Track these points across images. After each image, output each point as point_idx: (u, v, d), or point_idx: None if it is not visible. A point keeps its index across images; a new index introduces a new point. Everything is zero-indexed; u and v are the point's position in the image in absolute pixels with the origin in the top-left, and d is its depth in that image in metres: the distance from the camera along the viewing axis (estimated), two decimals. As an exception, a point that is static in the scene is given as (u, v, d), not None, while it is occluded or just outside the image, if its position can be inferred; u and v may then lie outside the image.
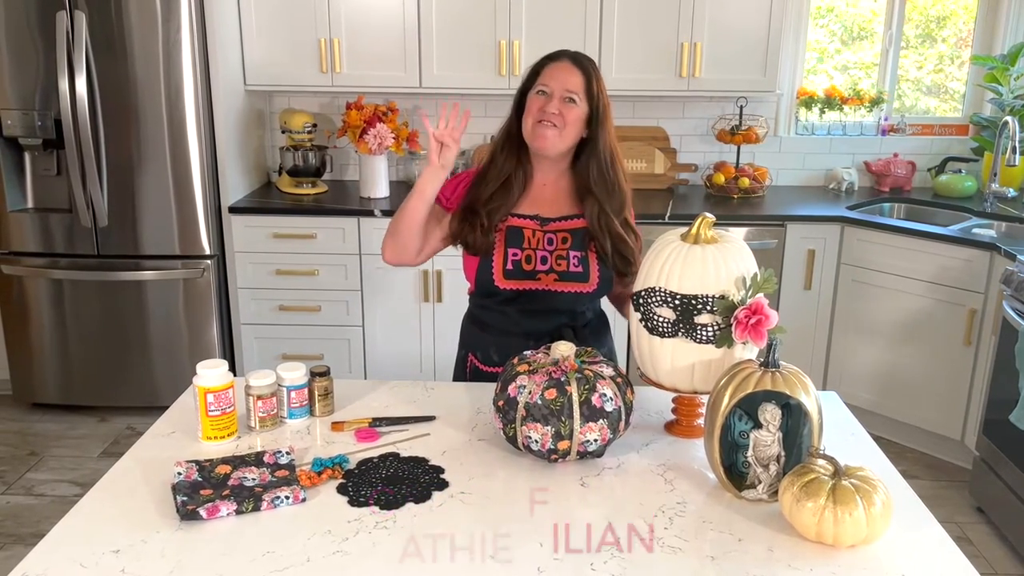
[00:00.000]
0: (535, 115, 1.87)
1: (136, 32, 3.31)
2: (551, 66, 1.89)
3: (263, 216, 3.56)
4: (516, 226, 1.93)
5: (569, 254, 1.92)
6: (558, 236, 1.94)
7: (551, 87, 1.87)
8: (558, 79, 1.87)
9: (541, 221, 1.94)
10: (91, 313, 3.59)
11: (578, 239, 1.93)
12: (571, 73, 1.88)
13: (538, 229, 1.94)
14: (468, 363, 2.06)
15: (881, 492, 1.31)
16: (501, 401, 1.54)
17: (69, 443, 3.48)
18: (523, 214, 1.95)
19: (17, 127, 3.39)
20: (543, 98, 1.87)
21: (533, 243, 1.92)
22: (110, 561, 1.26)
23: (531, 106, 1.88)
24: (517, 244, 1.92)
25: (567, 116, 1.86)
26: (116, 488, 1.46)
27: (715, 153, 4.08)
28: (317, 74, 3.65)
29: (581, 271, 1.92)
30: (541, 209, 1.95)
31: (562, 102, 1.86)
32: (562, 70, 1.88)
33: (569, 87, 1.86)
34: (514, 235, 1.93)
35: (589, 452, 1.52)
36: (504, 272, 1.91)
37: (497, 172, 1.93)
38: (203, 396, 1.58)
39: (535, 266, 1.92)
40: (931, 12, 4.11)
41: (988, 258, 3.13)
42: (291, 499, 1.41)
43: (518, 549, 1.31)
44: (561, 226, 1.94)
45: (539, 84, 1.89)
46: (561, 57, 1.90)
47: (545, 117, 1.85)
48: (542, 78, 1.89)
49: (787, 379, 1.43)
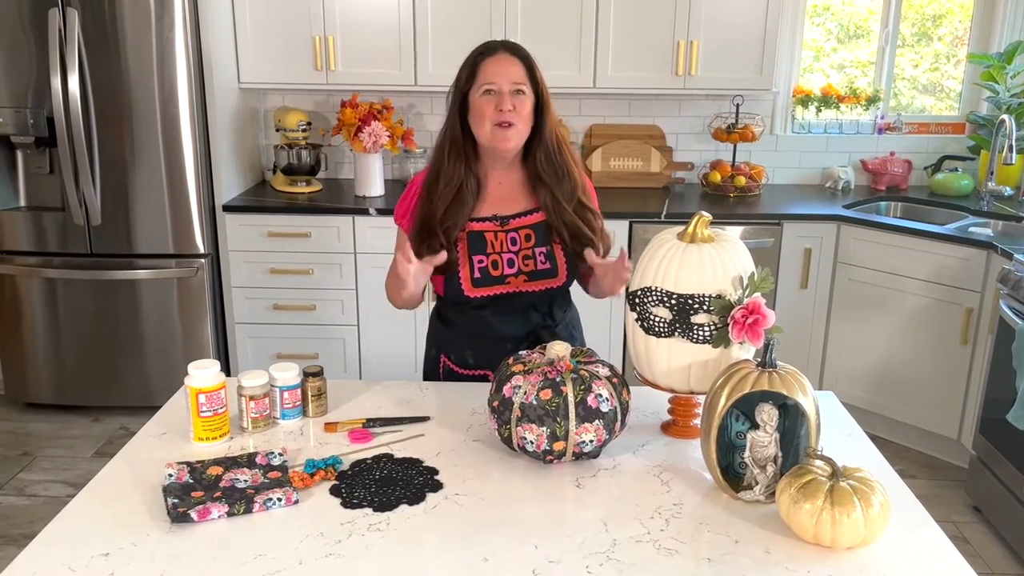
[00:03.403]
0: (491, 117, 1.79)
1: (129, 29, 3.28)
2: (489, 61, 1.81)
3: (257, 215, 3.54)
4: (477, 230, 1.88)
5: (535, 252, 1.88)
6: (520, 234, 1.89)
7: (497, 83, 1.79)
8: (502, 73, 1.79)
9: (500, 221, 1.89)
10: (84, 312, 3.56)
11: (540, 234, 1.89)
12: (512, 64, 1.81)
13: (499, 230, 1.89)
14: (441, 363, 2.02)
15: (879, 493, 1.30)
16: (496, 402, 1.52)
17: (62, 443, 3.45)
18: (481, 217, 1.89)
19: (9, 125, 3.37)
20: (492, 98, 1.79)
21: (497, 246, 1.87)
22: (99, 564, 1.24)
23: (482, 109, 1.80)
24: (481, 250, 1.87)
25: (521, 111, 1.80)
26: (106, 490, 1.45)
27: (711, 152, 4.07)
28: (311, 72, 3.63)
29: (549, 267, 1.89)
30: (498, 208, 1.90)
31: (512, 96, 1.79)
32: (502, 63, 1.80)
33: (515, 79, 1.80)
34: (476, 241, 1.87)
35: (585, 453, 1.51)
36: (472, 281, 1.87)
37: (447, 183, 1.84)
38: (195, 397, 1.57)
39: (503, 270, 1.87)
40: (927, 10, 4.10)
41: (985, 257, 3.12)
42: (283, 501, 1.40)
43: (513, 551, 1.29)
44: (521, 223, 1.90)
45: (482, 83, 1.80)
46: (497, 50, 1.82)
47: (503, 118, 1.78)
48: (484, 76, 1.80)
49: (784, 379, 1.41)
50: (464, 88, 1.84)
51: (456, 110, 1.85)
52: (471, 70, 1.83)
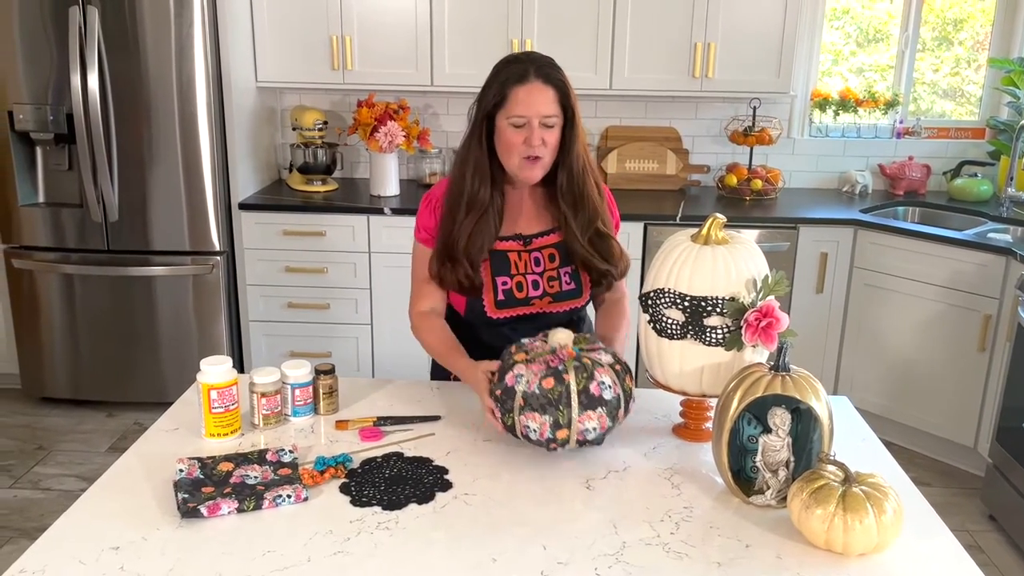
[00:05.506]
0: (520, 151, 1.72)
1: (148, 28, 3.31)
2: (520, 90, 1.70)
3: (273, 213, 3.56)
4: (500, 250, 1.83)
5: (560, 272, 1.85)
6: (544, 254, 1.85)
7: (527, 116, 1.70)
8: (533, 106, 1.70)
9: (524, 241, 1.85)
10: (100, 308, 3.59)
11: (563, 253, 1.85)
12: (544, 94, 1.70)
13: (523, 250, 1.84)
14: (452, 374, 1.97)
15: (892, 500, 1.29)
16: (499, 391, 1.52)
17: (77, 438, 3.48)
18: (504, 236, 1.83)
19: (29, 121, 3.40)
20: (522, 131, 1.71)
21: (520, 267, 1.83)
22: (109, 558, 1.25)
23: (510, 140, 1.72)
24: (504, 271, 1.82)
25: (549, 142, 1.73)
26: (118, 484, 1.45)
27: (728, 154, 4.05)
28: (328, 71, 3.64)
29: (574, 288, 1.86)
30: (520, 226, 1.85)
31: (542, 129, 1.71)
32: (535, 93, 1.70)
33: (546, 112, 1.70)
34: (499, 262, 1.82)
35: (588, 440, 1.50)
36: (496, 303, 1.83)
37: (471, 206, 1.77)
38: (206, 393, 1.57)
39: (527, 292, 1.83)
40: (948, 15, 4.07)
41: (1004, 263, 3.09)
42: (293, 498, 1.40)
43: (521, 552, 1.29)
44: (544, 242, 1.85)
45: (512, 114, 1.70)
46: (530, 78, 1.70)
47: (532, 153, 1.72)
48: (514, 106, 1.70)
49: (797, 383, 1.40)
50: (490, 111, 1.74)
51: (481, 130, 1.76)
52: (500, 95, 1.72)
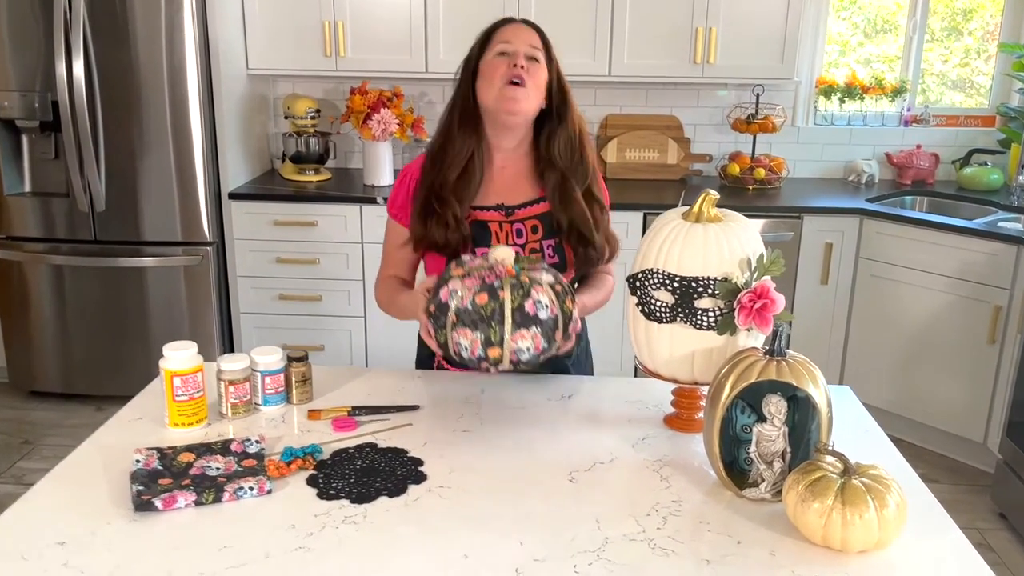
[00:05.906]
0: (502, 76, 1.69)
1: (136, 13, 3.23)
2: (505, 27, 1.75)
3: (263, 203, 3.48)
4: (480, 220, 1.76)
5: (543, 244, 1.77)
6: (527, 226, 1.78)
7: (513, 45, 1.71)
8: (518, 37, 1.72)
9: (506, 211, 1.78)
10: (89, 300, 3.52)
11: (547, 225, 1.78)
12: (529, 32, 1.74)
13: (504, 221, 1.77)
14: (435, 363, 1.90)
15: (895, 493, 1.20)
16: (432, 306, 1.44)
17: (64, 432, 3.41)
18: (485, 205, 1.77)
19: (15, 109, 3.33)
20: (506, 59, 1.70)
21: (501, 238, 1.76)
22: (54, 553, 1.17)
23: (493, 69, 1.70)
24: (485, 242, 1.75)
25: (534, 76, 1.70)
26: (71, 476, 1.37)
27: (730, 143, 3.95)
28: (321, 58, 3.56)
29: (558, 261, 1.77)
30: (503, 197, 1.79)
31: (527, 60, 1.70)
32: (519, 29, 1.74)
33: (532, 43, 1.72)
34: (480, 232, 1.75)
35: (522, 361, 1.42)
36: None
37: (457, 152, 1.74)
38: (169, 379, 1.49)
39: None
40: (957, 4, 3.96)
41: (1015, 252, 2.99)
42: (255, 490, 1.31)
43: (495, 548, 1.20)
44: (527, 213, 1.78)
45: (497, 46, 1.72)
46: (514, 20, 1.78)
47: (515, 74, 1.68)
48: (499, 38, 1.73)
49: (794, 369, 1.31)
50: (477, 57, 1.75)
51: (468, 78, 1.75)
52: (485, 37, 1.76)
